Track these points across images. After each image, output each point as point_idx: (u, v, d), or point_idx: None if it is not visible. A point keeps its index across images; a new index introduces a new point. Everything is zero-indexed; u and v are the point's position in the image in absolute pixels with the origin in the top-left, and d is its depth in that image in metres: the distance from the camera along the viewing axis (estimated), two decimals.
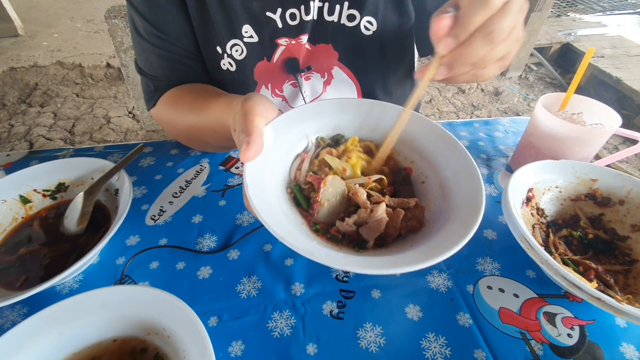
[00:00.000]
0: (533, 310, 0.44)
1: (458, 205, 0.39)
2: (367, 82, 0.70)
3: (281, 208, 0.38)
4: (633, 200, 0.49)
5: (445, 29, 0.33)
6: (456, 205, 0.39)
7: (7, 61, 3.29)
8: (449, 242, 0.33)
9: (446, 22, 0.32)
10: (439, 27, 0.33)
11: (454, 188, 0.41)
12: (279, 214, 0.36)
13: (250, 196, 0.33)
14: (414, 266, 0.31)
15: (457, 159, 0.42)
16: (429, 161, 0.46)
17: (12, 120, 2.59)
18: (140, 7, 0.58)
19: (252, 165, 0.36)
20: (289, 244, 0.31)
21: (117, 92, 2.87)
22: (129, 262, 0.49)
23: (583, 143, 0.53)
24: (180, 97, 0.61)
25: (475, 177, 0.39)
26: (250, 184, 0.34)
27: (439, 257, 0.31)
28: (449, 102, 2.72)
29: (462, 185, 0.40)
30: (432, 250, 0.33)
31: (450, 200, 0.40)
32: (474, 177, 0.39)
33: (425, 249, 0.35)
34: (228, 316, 0.44)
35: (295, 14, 0.60)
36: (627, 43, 3.01)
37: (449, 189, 0.42)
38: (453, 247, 0.32)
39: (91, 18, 4.10)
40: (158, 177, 0.64)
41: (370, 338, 0.42)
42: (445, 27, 0.32)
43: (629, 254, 0.48)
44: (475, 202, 0.36)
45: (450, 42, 0.33)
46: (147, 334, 0.37)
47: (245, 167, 0.35)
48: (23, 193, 0.54)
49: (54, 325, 0.37)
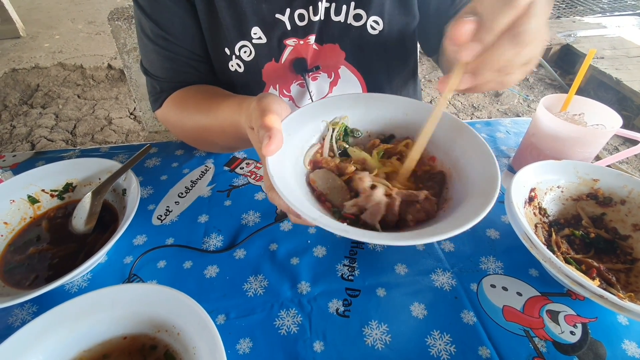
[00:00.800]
0: (536, 309, 0.45)
1: (473, 181, 0.39)
2: (373, 81, 0.71)
3: (305, 197, 0.39)
4: (634, 200, 0.50)
5: (468, 33, 0.30)
6: (472, 182, 0.39)
7: (9, 62, 3.30)
8: (470, 214, 0.33)
9: (469, 27, 0.30)
10: (461, 32, 0.30)
11: (467, 166, 0.42)
12: (305, 202, 0.37)
13: (278, 186, 0.34)
14: (441, 235, 0.31)
15: (466, 139, 0.43)
16: (436, 145, 0.46)
17: (14, 122, 2.60)
18: (148, 9, 0.59)
19: (273, 159, 0.37)
20: (324, 225, 0.32)
21: (118, 93, 2.88)
22: (136, 261, 0.50)
23: (584, 143, 0.54)
24: (188, 99, 0.61)
25: (486, 153, 0.40)
26: (275, 175, 0.35)
27: (463, 227, 0.32)
28: (449, 103, 2.73)
29: (474, 162, 0.41)
30: (456, 221, 0.34)
31: (465, 178, 0.41)
32: (484, 153, 0.40)
33: (449, 222, 0.35)
34: (235, 314, 0.44)
35: (304, 15, 0.61)
36: (627, 44, 3.02)
37: (462, 167, 0.42)
38: (476, 217, 0.33)
39: (92, 20, 4.11)
40: (164, 177, 0.65)
41: (376, 335, 0.42)
42: (468, 31, 0.30)
43: (630, 253, 0.48)
44: (491, 175, 0.37)
45: (476, 46, 0.31)
46: (157, 331, 0.38)
47: (267, 161, 0.36)
48: (31, 193, 0.54)
49: (66, 323, 0.37)
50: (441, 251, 0.52)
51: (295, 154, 0.44)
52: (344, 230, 0.32)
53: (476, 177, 0.40)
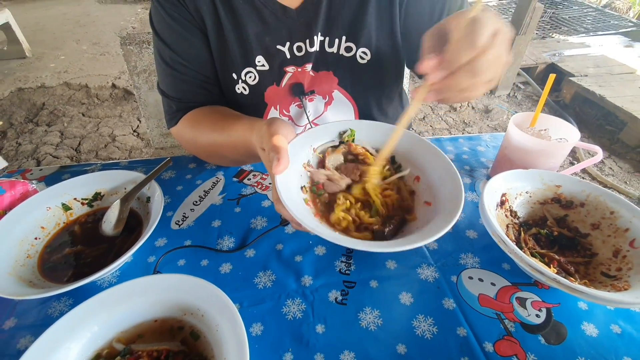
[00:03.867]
0: (507, 296, 0.52)
1: (443, 202, 0.48)
2: (363, 103, 0.80)
3: (303, 207, 0.47)
4: (592, 202, 0.58)
5: (433, 67, 0.39)
6: (442, 202, 0.48)
7: (15, 82, 3.40)
8: (438, 228, 0.42)
9: (433, 63, 0.39)
10: (427, 66, 0.39)
11: (440, 188, 0.50)
12: (305, 213, 0.45)
13: (285, 201, 0.42)
14: (411, 245, 0.40)
15: (441, 165, 0.53)
16: (419, 168, 0.56)
17: (19, 139, 2.67)
18: (167, 39, 0.68)
19: (281, 177, 0.45)
20: (319, 233, 0.41)
21: (122, 111, 2.97)
22: (159, 259, 0.57)
23: (548, 155, 0.62)
24: (202, 118, 0.70)
25: (455, 180, 0.49)
26: (282, 191, 0.43)
27: (430, 238, 0.41)
28: (441, 119, 2.85)
29: (446, 185, 0.49)
30: (425, 234, 0.43)
31: (437, 198, 0.50)
32: (454, 180, 0.49)
33: (419, 235, 0.44)
34: (248, 303, 0.51)
35: (302, 47, 0.70)
36: (609, 62, 3.17)
37: (437, 189, 0.51)
38: (441, 231, 0.41)
39: (97, 41, 4.25)
40: (179, 187, 0.72)
41: (370, 319, 0.49)
42: (432, 66, 0.39)
43: (590, 249, 0.56)
44: (457, 198, 0.46)
45: (439, 75, 0.39)
46: (184, 315, 0.45)
47: (276, 179, 0.44)
48: (65, 201, 0.61)
49: (105, 309, 0.44)
50: (426, 249, 0.59)
51: (298, 171, 0.52)
52: (335, 238, 0.41)
53: (446, 197, 0.49)
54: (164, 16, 0.67)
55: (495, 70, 0.39)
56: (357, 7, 0.68)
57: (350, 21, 0.69)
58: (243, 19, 0.67)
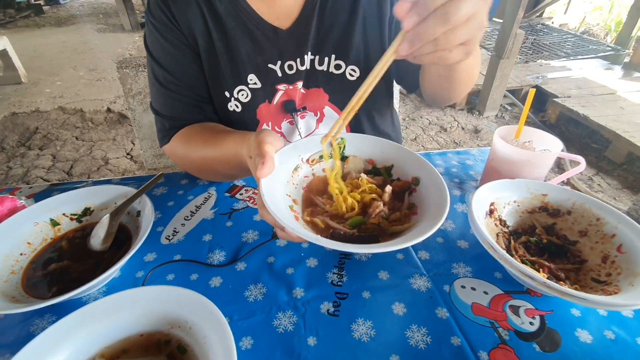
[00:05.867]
0: (500, 304, 0.52)
1: (429, 208, 0.49)
2: (354, 119, 0.81)
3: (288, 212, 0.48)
4: (577, 210, 0.59)
5: (406, 9, 0.36)
6: (428, 208, 0.49)
7: (9, 107, 3.42)
8: (423, 231, 0.43)
9: (406, 5, 0.36)
10: (401, 8, 0.36)
11: (426, 196, 0.52)
12: (288, 216, 0.45)
13: (267, 203, 0.42)
14: (398, 246, 0.41)
15: (426, 174, 0.55)
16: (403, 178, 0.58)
17: (10, 163, 2.65)
18: (161, 60, 0.70)
19: (265, 181, 0.45)
20: (303, 234, 0.41)
21: (116, 134, 2.98)
22: (148, 274, 0.56)
23: (533, 165, 0.64)
24: (194, 135, 0.71)
25: (441, 187, 0.50)
26: (266, 194, 0.43)
27: (416, 240, 0.42)
28: (432, 139, 2.90)
29: (432, 193, 0.51)
30: (412, 236, 0.43)
31: (423, 205, 0.51)
32: (440, 188, 0.50)
33: (407, 237, 0.45)
34: (238, 317, 0.50)
35: (292, 65, 0.72)
36: (590, 84, 3.30)
37: (422, 197, 0.53)
38: (426, 233, 0.42)
39: (94, 67, 4.33)
40: (170, 203, 0.72)
41: (362, 330, 0.48)
42: (406, 8, 0.36)
43: (579, 255, 0.56)
44: (442, 205, 0.47)
45: (413, 18, 0.36)
46: (171, 328, 0.43)
47: (261, 184, 0.45)
48: (53, 217, 0.61)
49: (88, 323, 0.42)
50: (418, 259, 0.59)
51: (284, 178, 0.53)
52: (315, 239, 0.42)
53: (432, 204, 0.50)
54: (158, 38, 0.69)
55: (471, 30, 0.37)
56: (345, 27, 0.72)
57: (339, 40, 0.72)
58: (235, 40, 0.69)
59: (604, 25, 5.13)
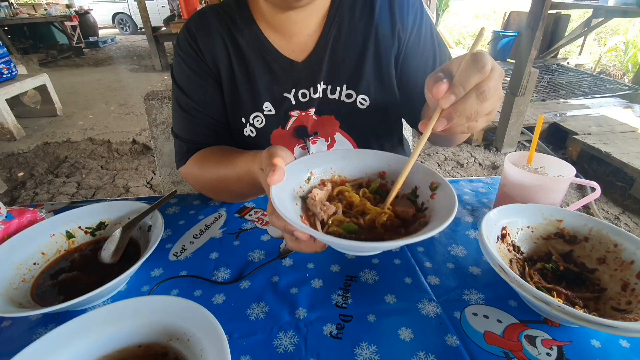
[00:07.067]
0: (515, 334, 0.48)
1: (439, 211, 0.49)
2: (364, 145, 0.83)
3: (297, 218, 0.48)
4: (595, 236, 0.56)
5: (444, 90, 0.41)
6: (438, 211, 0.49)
7: (43, 137, 3.65)
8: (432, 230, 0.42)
9: (444, 86, 0.41)
10: (439, 90, 0.41)
11: (435, 205, 0.51)
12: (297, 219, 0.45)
13: (278, 206, 0.43)
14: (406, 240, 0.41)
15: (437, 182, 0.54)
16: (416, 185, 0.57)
17: (37, 189, 2.78)
18: (185, 88, 0.75)
19: (275, 189, 0.46)
20: (312, 232, 0.42)
21: (138, 164, 3.11)
22: (153, 288, 0.56)
23: (546, 190, 0.62)
24: (209, 156, 0.74)
25: (449, 191, 0.50)
26: (276, 199, 0.44)
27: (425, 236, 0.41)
28: (448, 174, 2.88)
29: (442, 199, 0.51)
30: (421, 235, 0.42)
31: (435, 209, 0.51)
32: (447, 192, 0.50)
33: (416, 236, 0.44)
34: (238, 335, 0.49)
35: (306, 94, 0.76)
36: (610, 122, 3.26)
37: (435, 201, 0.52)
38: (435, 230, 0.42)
39: (124, 103, 4.62)
40: (182, 222, 0.74)
41: (366, 355, 0.46)
42: (444, 89, 0.41)
43: (598, 284, 0.53)
44: (450, 206, 0.46)
45: (452, 98, 0.41)
46: (169, 340, 0.43)
47: (271, 189, 0.46)
48: (69, 229, 0.63)
49: (88, 330, 0.42)
50: (427, 284, 0.57)
51: (293, 190, 0.53)
52: (325, 237, 0.42)
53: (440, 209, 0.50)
54: (184, 68, 0.75)
55: (494, 102, 0.42)
56: (357, 59, 0.75)
57: (350, 72, 0.76)
58: (254, 71, 0.74)
59: (621, 66, 5.14)
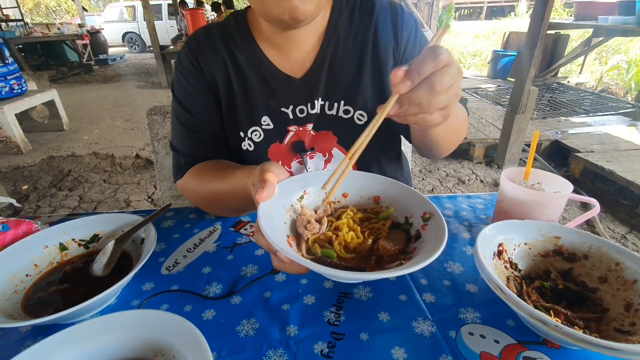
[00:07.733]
0: (513, 355, 0.47)
1: (429, 242, 0.48)
2: (361, 161, 0.83)
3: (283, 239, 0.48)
4: (595, 254, 0.55)
5: (401, 76, 0.43)
6: (428, 242, 0.49)
7: (48, 151, 3.69)
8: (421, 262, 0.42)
9: (401, 73, 0.43)
10: (396, 75, 0.43)
11: (428, 230, 0.51)
12: (282, 241, 0.45)
13: (262, 226, 0.43)
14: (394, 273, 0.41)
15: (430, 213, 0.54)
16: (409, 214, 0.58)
17: (40, 202, 2.80)
18: (184, 103, 0.76)
19: (264, 206, 0.46)
20: (293, 257, 0.41)
21: (140, 179, 3.13)
22: (142, 303, 0.55)
23: (543, 206, 0.61)
24: (206, 170, 0.74)
25: (440, 223, 0.48)
26: (262, 217, 0.44)
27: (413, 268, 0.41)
28: (449, 191, 2.86)
29: (433, 229, 0.49)
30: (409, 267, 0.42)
31: (426, 239, 0.50)
32: (439, 223, 0.48)
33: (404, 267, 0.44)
34: (226, 352, 0.48)
35: (304, 109, 0.77)
36: (614, 139, 3.25)
37: (426, 232, 0.52)
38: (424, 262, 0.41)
39: (129, 118, 4.69)
40: (176, 235, 0.73)
41: None
42: (401, 75, 0.43)
43: (600, 304, 0.52)
44: (440, 238, 0.45)
45: (407, 83, 0.43)
46: (155, 356, 0.42)
47: (259, 209, 0.45)
48: (63, 241, 0.63)
49: (73, 343, 0.42)
50: (422, 302, 0.55)
51: (283, 208, 0.53)
52: (304, 261, 0.42)
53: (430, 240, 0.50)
54: (184, 84, 0.76)
55: (449, 97, 0.44)
56: (354, 76, 0.76)
57: (348, 88, 0.77)
58: (252, 86, 0.75)
59: (623, 84, 5.17)
